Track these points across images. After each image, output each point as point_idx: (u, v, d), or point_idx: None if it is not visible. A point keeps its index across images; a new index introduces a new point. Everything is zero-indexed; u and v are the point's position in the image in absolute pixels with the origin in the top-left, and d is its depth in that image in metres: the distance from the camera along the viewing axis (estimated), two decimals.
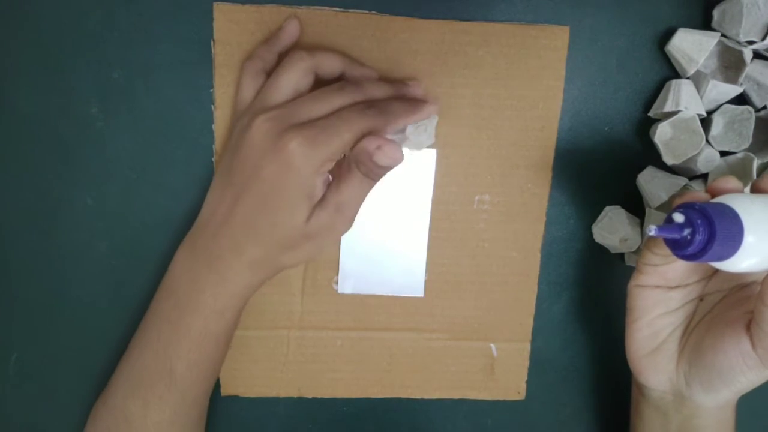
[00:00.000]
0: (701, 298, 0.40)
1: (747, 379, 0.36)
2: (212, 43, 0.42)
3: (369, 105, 0.38)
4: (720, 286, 0.39)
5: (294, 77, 0.38)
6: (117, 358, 0.45)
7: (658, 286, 0.39)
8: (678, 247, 0.32)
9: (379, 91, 0.39)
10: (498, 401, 0.49)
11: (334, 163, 0.38)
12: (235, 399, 0.47)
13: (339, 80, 0.41)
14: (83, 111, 0.42)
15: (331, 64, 0.40)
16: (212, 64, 0.42)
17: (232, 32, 0.42)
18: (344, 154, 0.38)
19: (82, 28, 0.41)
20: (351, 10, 0.42)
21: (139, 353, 0.41)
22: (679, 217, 0.31)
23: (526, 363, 0.49)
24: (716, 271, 0.39)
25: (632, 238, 0.45)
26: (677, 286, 0.39)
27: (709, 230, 0.30)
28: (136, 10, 0.41)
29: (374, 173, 0.38)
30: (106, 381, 0.45)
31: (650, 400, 0.41)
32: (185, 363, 0.40)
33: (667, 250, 0.35)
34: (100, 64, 0.42)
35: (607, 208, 0.45)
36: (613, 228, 0.45)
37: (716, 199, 0.33)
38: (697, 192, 0.35)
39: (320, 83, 0.39)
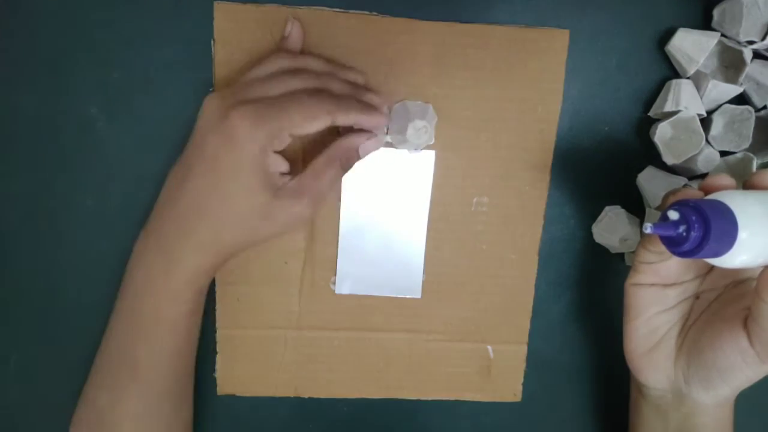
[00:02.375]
0: (697, 296, 0.40)
1: (745, 376, 0.36)
2: (212, 42, 0.42)
3: (322, 90, 0.38)
4: (715, 283, 0.39)
5: (267, 72, 0.38)
6: None
7: (654, 285, 0.39)
8: (674, 245, 0.32)
9: (336, 85, 0.39)
10: (497, 402, 0.49)
11: (285, 145, 0.37)
12: (231, 398, 0.47)
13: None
14: (83, 111, 0.42)
15: (312, 67, 0.40)
16: (212, 63, 0.42)
17: (232, 31, 0.42)
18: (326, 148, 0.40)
19: (82, 28, 0.41)
20: (352, 11, 0.42)
21: (106, 345, 0.40)
22: (674, 215, 0.31)
23: (523, 365, 0.49)
24: (711, 268, 0.39)
25: (632, 238, 0.45)
26: (673, 284, 0.39)
27: (704, 227, 0.30)
28: (136, 10, 0.41)
29: (351, 164, 0.40)
30: None
31: (649, 399, 0.41)
32: (146, 351, 0.39)
33: (661, 248, 0.35)
34: (100, 64, 0.42)
35: (607, 208, 0.45)
36: (613, 228, 0.45)
37: (710, 196, 0.33)
38: (691, 189, 0.35)
39: None
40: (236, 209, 0.37)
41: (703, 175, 0.44)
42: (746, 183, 0.35)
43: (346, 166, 0.40)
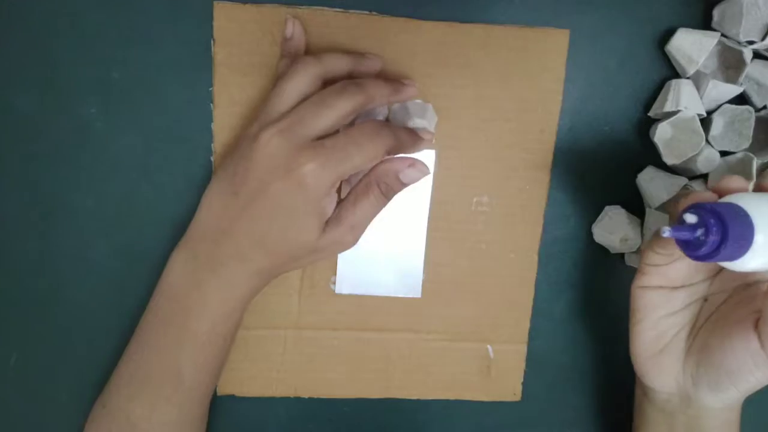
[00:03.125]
0: (705, 299, 0.39)
1: (755, 378, 0.36)
2: (212, 42, 0.42)
3: (381, 127, 0.38)
4: (724, 286, 0.39)
5: (301, 85, 0.38)
6: (117, 358, 0.45)
7: (661, 287, 0.38)
8: (690, 248, 0.32)
9: (381, 91, 0.39)
10: (498, 402, 0.49)
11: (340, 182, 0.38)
12: (230, 398, 0.47)
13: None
14: (83, 111, 0.42)
15: (338, 67, 0.40)
16: (212, 63, 0.42)
17: (232, 31, 0.42)
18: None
19: (81, 28, 0.41)
20: (352, 11, 0.42)
21: (142, 356, 0.41)
22: (691, 218, 0.31)
23: (523, 365, 0.49)
24: (720, 270, 0.39)
25: (632, 238, 0.45)
26: (681, 287, 0.39)
27: (722, 230, 0.30)
28: (136, 10, 0.41)
29: (393, 191, 0.40)
30: (107, 382, 0.45)
31: (655, 402, 0.41)
32: (192, 364, 0.40)
33: (670, 250, 0.36)
34: (100, 64, 0.42)
35: (607, 208, 0.45)
36: (613, 228, 0.45)
37: (724, 199, 0.32)
38: (704, 192, 0.34)
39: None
40: (293, 245, 0.38)
41: (704, 175, 0.44)
42: (758, 186, 0.35)
43: (387, 193, 0.40)
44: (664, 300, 0.39)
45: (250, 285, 0.40)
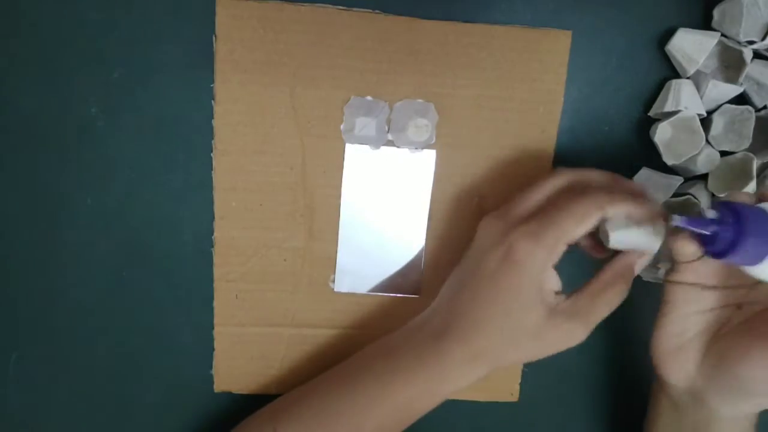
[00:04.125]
0: (739, 306, 0.38)
1: None
2: (214, 38, 0.42)
3: (589, 189, 0.38)
4: (760, 297, 0.38)
5: (543, 192, 0.40)
6: (117, 358, 0.45)
7: (693, 284, 0.38)
8: (706, 243, 0.31)
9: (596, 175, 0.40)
10: (495, 402, 0.49)
11: (560, 256, 0.38)
12: (228, 395, 0.47)
13: None
14: (83, 111, 0.42)
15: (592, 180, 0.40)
16: (213, 60, 0.42)
17: (234, 28, 0.41)
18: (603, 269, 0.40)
19: (82, 28, 0.41)
20: (355, 9, 0.42)
21: (336, 399, 0.41)
22: (710, 213, 0.31)
23: (521, 365, 0.49)
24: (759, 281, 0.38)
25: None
26: (714, 287, 0.38)
27: (736, 230, 0.29)
28: (137, 9, 0.41)
29: (630, 281, 0.40)
30: (106, 381, 0.45)
31: (670, 396, 0.41)
32: (374, 426, 0.40)
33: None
34: (100, 64, 0.42)
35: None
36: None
37: (761, 204, 0.32)
38: (743, 193, 0.34)
39: None
40: (512, 326, 0.38)
41: (704, 176, 0.44)
42: (759, 195, 0.34)
43: (630, 285, 0.40)
44: (694, 297, 0.38)
45: (462, 372, 0.39)
